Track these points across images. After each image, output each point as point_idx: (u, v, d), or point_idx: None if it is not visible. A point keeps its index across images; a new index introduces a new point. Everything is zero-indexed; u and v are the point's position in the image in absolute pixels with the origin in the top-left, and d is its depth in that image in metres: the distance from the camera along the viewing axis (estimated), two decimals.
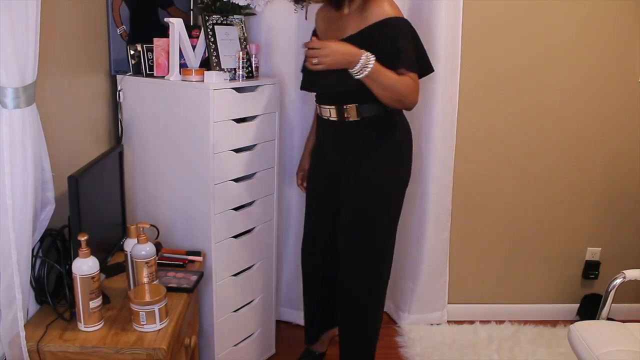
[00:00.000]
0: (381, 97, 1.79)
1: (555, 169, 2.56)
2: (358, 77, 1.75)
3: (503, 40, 2.40)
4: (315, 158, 2.15)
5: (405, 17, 2.19)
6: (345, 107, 1.88)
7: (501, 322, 2.63)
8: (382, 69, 1.75)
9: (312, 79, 1.92)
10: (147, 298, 1.44)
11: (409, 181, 2.02)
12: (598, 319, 1.87)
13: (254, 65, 2.05)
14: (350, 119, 1.89)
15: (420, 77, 1.86)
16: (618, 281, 1.84)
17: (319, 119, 2.04)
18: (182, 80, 1.87)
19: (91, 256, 1.42)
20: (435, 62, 2.28)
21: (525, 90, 2.46)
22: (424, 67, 1.90)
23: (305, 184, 2.25)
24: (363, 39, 1.78)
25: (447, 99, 2.36)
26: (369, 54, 1.73)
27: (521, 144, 2.52)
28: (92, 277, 1.41)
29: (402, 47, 1.78)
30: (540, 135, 2.51)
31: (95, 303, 1.43)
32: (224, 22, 1.97)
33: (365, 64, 1.73)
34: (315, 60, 1.75)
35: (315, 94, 2.03)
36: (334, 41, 1.78)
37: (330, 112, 1.93)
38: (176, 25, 1.86)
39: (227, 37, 1.97)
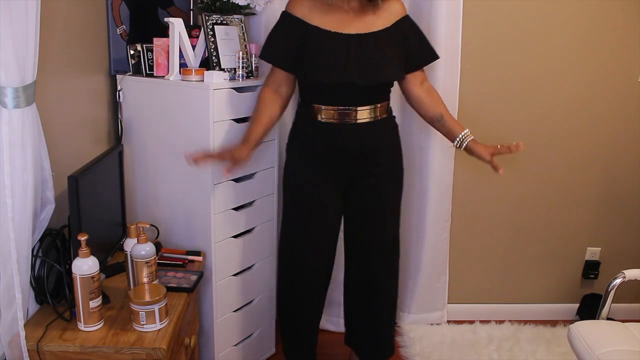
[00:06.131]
0: None
1: (555, 169, 2.56)
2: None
3: (503, 40, 2.39)
4: (315, 167, 1.91)
5: None
6: (379, 105, 1.87)
7: (501, 321, 2.63)
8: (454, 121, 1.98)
9: (368, 70, 1.77)
10: (147, 298, 1.44)
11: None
12: (598, 319, 1.87)
13: (253, 65, 2.05)
14: (379, 118, 1.89)
15: None
16: (618, 281, 1.84)
17: (324, 125, 1.85)
18: (182, 80, 1.87)
19: (91, 256, 1.42)
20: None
21: (525, 91, 2.46)
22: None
23: (198, 161, 1.72)
24: (397, 33, 1.83)
25: (446, 98, 2.35)
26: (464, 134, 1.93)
27: None
28: (92, 277, 1.41)
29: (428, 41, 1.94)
30: (540, 135, 2.51)
31: (95, 303, 1.43)
32: (224, 21, 1.97)
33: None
34: None
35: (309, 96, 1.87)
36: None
37: (357, 114, 1.83)
38: (176, 25, 1.86)
39: (227, 37, 1.97)
